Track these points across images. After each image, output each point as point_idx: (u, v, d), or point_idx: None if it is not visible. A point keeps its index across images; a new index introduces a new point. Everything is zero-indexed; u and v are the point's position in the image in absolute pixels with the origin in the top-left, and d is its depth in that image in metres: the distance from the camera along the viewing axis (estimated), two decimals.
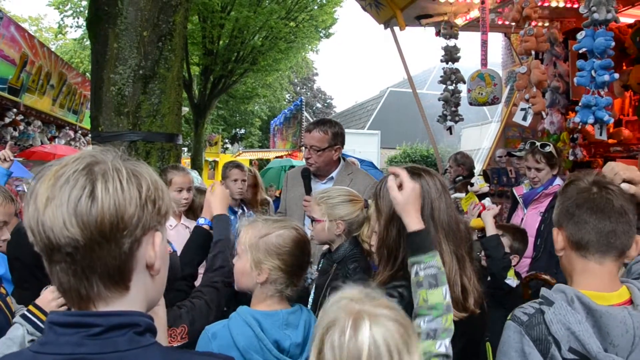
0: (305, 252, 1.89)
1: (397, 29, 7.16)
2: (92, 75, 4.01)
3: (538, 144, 3.62)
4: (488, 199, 2.90)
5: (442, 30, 6.86)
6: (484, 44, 5.96)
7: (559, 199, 1.54)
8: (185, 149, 24.66)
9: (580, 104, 4.12)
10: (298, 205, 3.27)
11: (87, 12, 4.55)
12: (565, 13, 6.28)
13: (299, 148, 16.20)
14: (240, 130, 32.55)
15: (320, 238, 2.57)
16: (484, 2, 5.86)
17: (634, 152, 6.39)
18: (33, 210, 0.90)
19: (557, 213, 1.53)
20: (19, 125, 9.69)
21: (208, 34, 16.26)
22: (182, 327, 1.87)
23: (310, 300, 2.48)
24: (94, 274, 0.91)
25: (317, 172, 3.36)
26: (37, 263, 2.51)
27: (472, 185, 3.50)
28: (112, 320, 0.91)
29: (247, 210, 4.37)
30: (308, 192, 3.27)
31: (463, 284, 1.69)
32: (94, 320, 0.91)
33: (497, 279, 2.61)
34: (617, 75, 4.02)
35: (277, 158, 14.81)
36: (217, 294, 2.06)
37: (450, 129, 7.03)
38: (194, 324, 1.91)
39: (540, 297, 1.48)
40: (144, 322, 0.95)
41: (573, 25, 6.43)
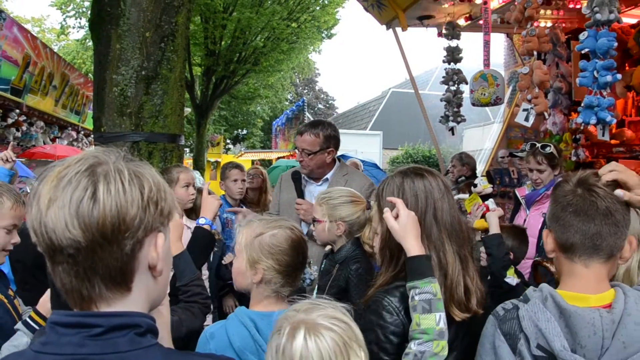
0: (300, 252, 1.87)
1: (399, 30, 7.16)
2: (94, 76, 4.01)
3: (538, 145, 3.60)
4: (492, 200, 2.88)
5: (444, 31, 6.86)
6: (487, 45, 5.95)
7: (550, 202, 1.55)
8: (188, 150, 24.69)
9: (583, 105, 4.11)
10: (291, 208, 3.21)
11: (89, 13, 4.56)
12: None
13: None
14: (242, 131, 32.56)
15: (322, 238, 2.58)
16: (487, 2, 5.85)
17: (637, 152, 6.38)
18: (36, 211, 0.90)
19: (547, 215, 1.55)
20: (22, 126, 9.70)
21: (210, 35, 16.27)
22: None
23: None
24: (96, 275, 0.91)
25: (310, 174, 3.29)
26: (38, 265, 2.54)
27: (475, 186, 3.49)
28: (113, 321, 0.91)
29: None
30: (300, 195, 3.22)
31: (466, 284, 1.69)
32: (95, 321, 0.91)
33: (497, 278, 2.62)
34: (619, 76, 4.02)
35: (280, 158, 14.79)
36: (191, 317, 2.01)
37: (452, 130, 7.03)
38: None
39: (522, 294, 1.49)
40: (145, 322, 0.95)
41: (575, 26, 6.42)
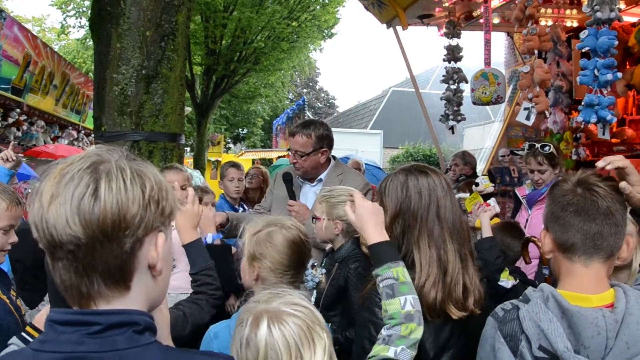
0: (296, 251, 1.86)
1: (399, 29, 7.16)
2: (94, 75, 4.01)
3: (538, 146, 3.58)
4: (493, 199, 2.87)
5: (444, 30, 6.86)
6: (487, 43, 5.95)
7: (547, 201, 1.53)
8: (188, 149, 24.71)
9: (583, 103, 4.11)
10: (283, 207, 3.17)
11: (89, 12, 4.56)
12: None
13: None
14: (243, 130, 32.55)
15: (320, 236, 2.60)
16: (487, 1, 5.85)
17: (637, 151, 6.37)
18: (38, 207, 0.90)
19: (544, 216, 1.52)
20: (22, 126, 9.70)
21: (210, 34, 16.26)
22: None
23: (313, 300, 2.49)
24: (95, 272, 0.91)
25: (304, 175, 3.24)
26: (38, 265, 2.53)
27: (477, 185, 3.49)
28: (111, 319, 0.91)
29: (247, 209, 4.37)
30: (291, 196, 3.16)
31: (465, 283, 1.70)
32: (94, 319, 0.91)
33: (490, 282, 2.58)
34: (620, 74, 4.02)
35: (281, 157, 14.79)
36: (198, 310, 1.97)
37: (453, 129, 7.02)
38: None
39: (522, 295, 1.48)
40: (144, 320, 0.94)
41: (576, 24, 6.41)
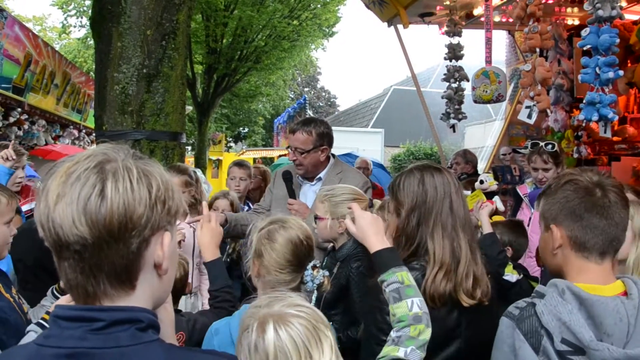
0: (294, 251, 1.87)
1: (400, 27, 7.15)
2: (95, 75, 4.02)
3: (542, 144, 3.59)
4: (497, 197, 2.87)
5: (445, 28, 6.85)
6: (489, 42, 5.94)
7: (554, 196, 1.50)
8: (189, 148, 24.70)
9: (585, 102, 4.10)
10: (283, 206, 3.14)
11: (90, 11, 4.56)
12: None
13: None
14: (244, 129, 32.54)
15: (323, 235, 2.59)
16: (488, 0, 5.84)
17: (639, 149, 6.37)
18: (44, 206, 0.90)
19: (555, 210, 1.48)
20: (24, 125, 9.70)
21: (211, 33, 16.26)
22: (180, 334, 1.89)
23: (314, 299, 2.49)
24: (101, 272, 0.91)
25: (305, 174, 3.21)
26: (39, 264, 2.54)
27: (482, 183, 3.49)
28: (114, 315, 0.91)
29: (252, 207, 4.36)
30: (291, 195, 3.15)
31: (475, 274, 1.76)
32: (97, 315, 0.91)
33: (495, 277, 2.60)
34: (621, 73, 4.00)
35: (282, 156, 14.77)
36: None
37: (454, 127, 7.01)
38: (192, 337, 1.95)
39: (534, 291, 1.48)
40: (147, 318, 0.94)
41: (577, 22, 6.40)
